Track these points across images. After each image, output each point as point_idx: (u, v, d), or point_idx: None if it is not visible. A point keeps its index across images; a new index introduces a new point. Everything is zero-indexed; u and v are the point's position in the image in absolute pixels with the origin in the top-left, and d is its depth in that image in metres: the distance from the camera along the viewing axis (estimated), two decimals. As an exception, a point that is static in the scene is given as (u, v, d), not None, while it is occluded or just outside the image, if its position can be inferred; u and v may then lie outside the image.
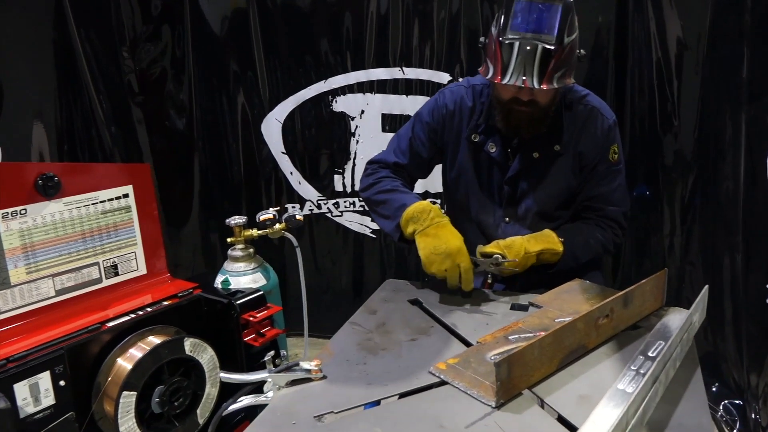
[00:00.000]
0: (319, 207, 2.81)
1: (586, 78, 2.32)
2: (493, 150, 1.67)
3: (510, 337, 1.28)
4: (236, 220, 1.86)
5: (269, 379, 1.16)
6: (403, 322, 1.42)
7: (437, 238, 1.50)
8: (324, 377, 1.19)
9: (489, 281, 1.68)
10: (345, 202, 2.77)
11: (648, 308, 1.36)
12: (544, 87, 1.45)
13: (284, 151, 2.76)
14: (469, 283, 1.50)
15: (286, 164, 2.77)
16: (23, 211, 1.49)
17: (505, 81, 1.46)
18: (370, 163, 1.81)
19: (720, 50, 2.09)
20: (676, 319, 1.32)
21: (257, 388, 1.21)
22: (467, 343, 1.31)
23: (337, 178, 2.75)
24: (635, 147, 2.37)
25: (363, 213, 2.76)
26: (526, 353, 1.08)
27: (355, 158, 2.70)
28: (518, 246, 1.54)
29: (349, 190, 2.75)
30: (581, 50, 1.53)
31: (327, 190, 2.79)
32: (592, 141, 1.65)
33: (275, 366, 1.65)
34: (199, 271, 2.94)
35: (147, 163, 2.75)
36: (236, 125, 2.76)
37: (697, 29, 2.13)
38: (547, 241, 1.58)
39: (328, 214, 2.81)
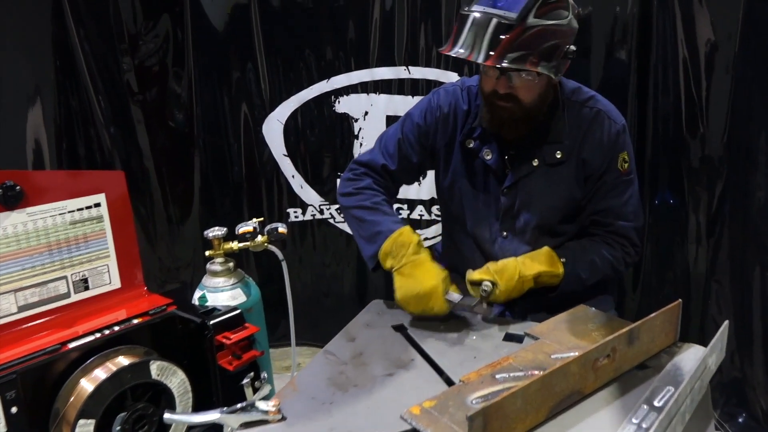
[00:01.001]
0: (321, 212, 2.69)
1: (604, 76, 2.15)
2: (489, 157, 1.53)
3: (497, 376, 1.14)
4: (215, 232, 1.75)
5: (220, 422, 1.04)
6: (382, 353, 1.28)
7: (412, 278, 1.39)
8: (283, 419, 1.06)
9: (485, 306, 1.52)
10: (348, 207, 2.64)
11: (658, 345, 1.20)
12: (489, 63, 1.31)
13: (286, 154, 2.64)
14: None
15: (287, 167, 2.66)
16: (-19, 223, 1.39)
17: (450, 52, 1.35)
18: (355, 163, 1.68)
19: (753, 48, 1.89)
20: (690, 359, 1.16)
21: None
22: (449, 381, 1.17)
23: (339, 182, 2.62)
24: (658, 151, 2.19)
25: (367, 219, 2.63)
26: (507, 404, 0.93)
27: (358, 162, 2.57)
28: (511, 270, 1.39)
29: (352, 194, 2.62)
30: (570, 47, 1.37)
31: (330, 195, 2.66)
32: (597, 147, 1.49)
33: (254, 390, 1.52)
34: (201, 271, 2.86)
35: (147, 162, 2.68)
36: (237, 126, 2.66)
37: (728, 25, 1.94)
38: (546, 261, 1.43)
39: (331, 220, 2.69)
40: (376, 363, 1.24)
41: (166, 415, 1.04)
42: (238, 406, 1.05)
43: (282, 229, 1.65)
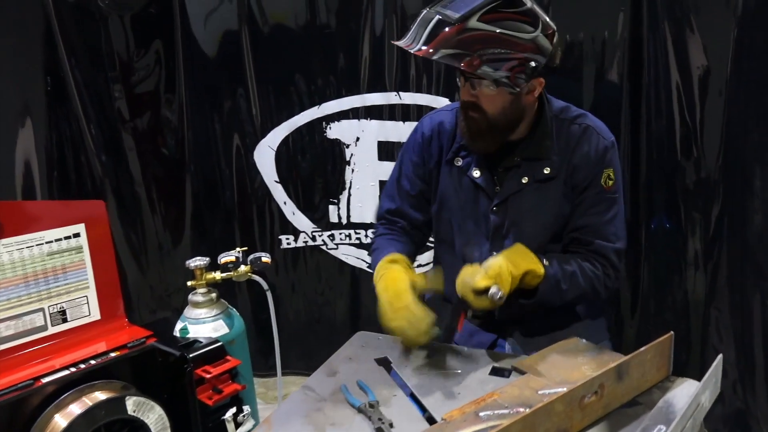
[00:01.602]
0: (313, 239, 2.65)
1: (595, 100, 2.12)
2: (478, 175, 1.51)
3: (481, 414, 1.09)
4: (197, 262, 1.71)
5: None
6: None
7: (384, 281, 1.39)
8: (255, 461, 1.01)
9: (468, 315, 1.47)
10: (341, 234, 2.61)
11: (650, 380, 1.15)
12: (420, 54, 1.35)
13: (278, 180, 2.62)
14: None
15: (279, 194, 2.63)
16: (-46, 255, 1.36)
17: (398, 42, 1.39)
18: (377, 219, 1.72)
19: (746, 71, 1.87)
20: (683, 394, 1.11)
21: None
22: (431, 419, 1.12)
23: (332, 208, 2.59)
24: (653, 175, 2.15)
25: (359, 246, 2.60)
26: (486, 446, 0.89)
27: (350, 188, 2.55)
28: (505, 273, 1.33)
29: (344, 221, 2.59)
30: (532, 63, 1.35)
31: (322, 222, 2.63)
32: (584, 160, 1.48)
33: (237, 425, 1.47)
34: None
35: (138, 189, 2.66)
36: (229, 152, 2.64)
37: (720, 49, 1.91)
38: (527, 260, 1.39)
39: (323, 247, 2.65)
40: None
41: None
42: (208, 447, 1.01)
43: (265, 258, 1.61)
